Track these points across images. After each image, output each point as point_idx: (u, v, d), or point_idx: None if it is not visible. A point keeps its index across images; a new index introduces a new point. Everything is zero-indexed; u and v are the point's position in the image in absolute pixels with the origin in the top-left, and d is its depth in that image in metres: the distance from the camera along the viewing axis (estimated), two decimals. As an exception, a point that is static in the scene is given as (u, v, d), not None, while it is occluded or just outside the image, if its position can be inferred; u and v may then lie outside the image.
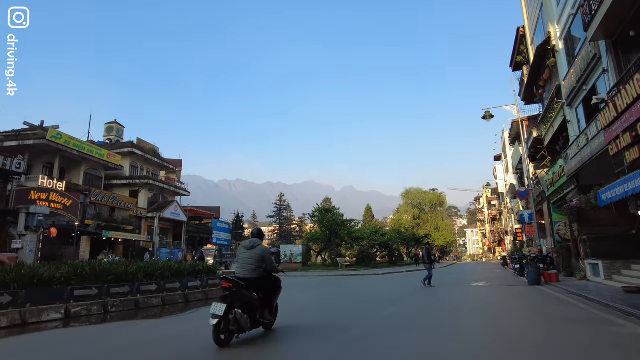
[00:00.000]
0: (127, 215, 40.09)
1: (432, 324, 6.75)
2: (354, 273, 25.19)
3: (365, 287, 15.86)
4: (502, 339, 5.42)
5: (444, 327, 6.44)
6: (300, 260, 29.80)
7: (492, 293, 12.07)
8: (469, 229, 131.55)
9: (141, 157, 47.09)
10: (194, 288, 12.06)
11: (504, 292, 12.38)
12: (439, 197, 72.09)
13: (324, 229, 30.29)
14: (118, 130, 51.22)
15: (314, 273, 25.42)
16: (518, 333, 5.87)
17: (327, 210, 30.61)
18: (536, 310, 8.27)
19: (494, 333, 5.88)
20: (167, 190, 50.28)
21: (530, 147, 24.57)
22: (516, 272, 19.90)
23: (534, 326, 6.40)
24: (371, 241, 35.86)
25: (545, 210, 21.97)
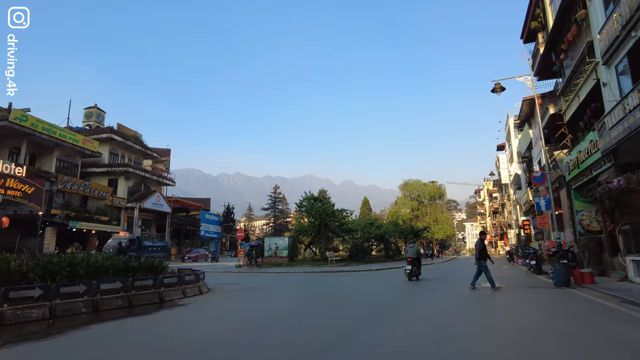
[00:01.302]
0: (102, 205, 37.05)
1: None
2: (343, 269, 22.30)
3: (350, 287, 12.96)
4: None
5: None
6: (287, 254, 26.84)
7: (518, 301, 9.14)
8: (468, 223, 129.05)
9: (122, 144, 43.95)
10: (142, 288, 9.08)
11: (532, 299, 9.45)
12: (438, 189, 69.14)
13: (313, 219, 27.34)
14: (98, 115, 47.93)
15: (298, 269, 22.53)
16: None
17: (316, 199, 27.64)
18: (604, 338, 5.29)
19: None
20: (149, 180, 47.20)
21: (545, 126, 21.56)
22: (530, 270, 17.00)
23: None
24: (365, 234, 32.95)
25: (563, 197, 19.02)
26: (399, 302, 8.85)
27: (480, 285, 11.78)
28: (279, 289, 12.89)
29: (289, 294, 11.30)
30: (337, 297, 10.62)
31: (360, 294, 10.95)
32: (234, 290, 12.12)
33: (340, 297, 10.49)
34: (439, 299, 9.68)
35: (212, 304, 9.27)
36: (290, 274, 20.03)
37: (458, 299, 9.43)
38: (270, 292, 11.85)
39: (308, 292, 11.80)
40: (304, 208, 27.23)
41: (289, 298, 10.22)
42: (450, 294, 10.72)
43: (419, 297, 10.09)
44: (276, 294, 11.40)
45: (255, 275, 19.78)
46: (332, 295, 11.21)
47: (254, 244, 24.41)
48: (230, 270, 22.21)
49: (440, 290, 11.69)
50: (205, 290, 11.41)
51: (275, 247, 27.55)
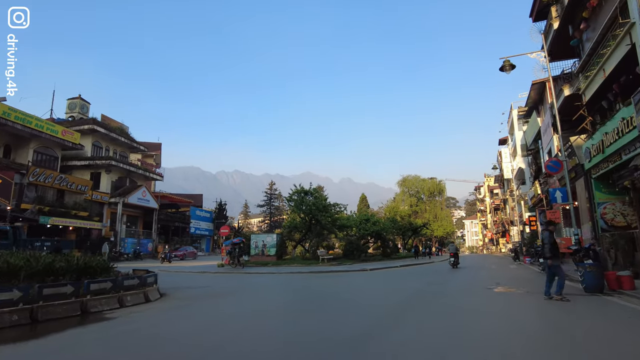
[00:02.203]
0: (81, 200, 34.84)
1: None
2: (335, 269, 20.18)
3: (337, 292, 10.82)
4: None
5: None
6: (274, 252, 24.69)
7: (550, 318, 6.93)
8: (468, 220, 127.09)
9: (106, 136, 41.67)
10: (56, 297, 6.96)
11: (568, 315, 7.26)
12: (437, 185, 67.06)
13: (303, 215, 25.18)
14: (82, 106, 45.53)
15: (284, 269, 20.42)
16: None
17: (306, 193, 25.44)
18: None
19: None
20: (135, 174, 44.97)
21: (558, 110, 19.39)
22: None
23: None
24: (361, 230, 30.80)
25: (580, 189, 16.90)
26: (410, 305, 6.75)
27: (496, 287, 9.69)
28: (252, 294, 10.76)
29: (258, 303, 9.14)
30: (335, 299, 8.51)
31: (362, 296, 8.81)
32: (193, 297, 9.97)
33: (339, 299, 8.40)
34: (452, 314, 7.55)
35: (149, 318, 7.12)
36: (274, 274, 17.90)
37: (478, 315, 7.29)
38: (236, 299, 9.69)
39: (301, 294, 9.68)
40: (293, 202, 25.04)
41: (254, 311, 8.05)
42: (464, 305, 8.57)
43: (428, 308, 7.95)
44: (243, 302, 9.25)
45: (235, 276, 17.64)
46: (330, 296, 9.10)
47: (236, 241, 22.27)
48: (208, 271, 20.08)
49: (452, 297, 9.55)
50: (154, 297, 9.27)
51: (263, 244, 25.40)
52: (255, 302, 9.09)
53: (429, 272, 18.90)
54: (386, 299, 9.07)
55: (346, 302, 8.66)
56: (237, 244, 21.87)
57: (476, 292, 9.81)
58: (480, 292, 9.98)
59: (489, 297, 8.91)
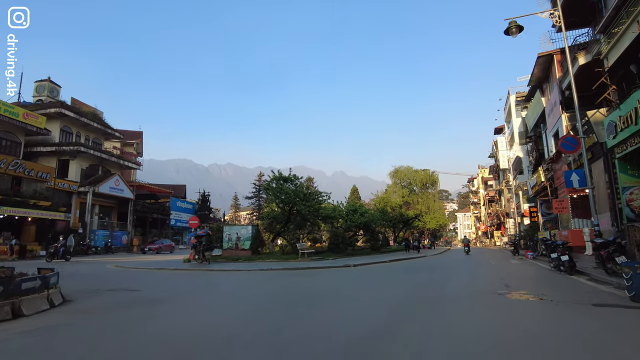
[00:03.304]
0: (43, 189, 31.84)
1: None
2: (314, 265, 17.64)
3: (301, 299, 8.20)
4: None
5: None
6: (249, 246, 22.06)
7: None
8: (460, 213, 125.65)
9: (76, 121, 38.45)
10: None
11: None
12: (430, 176, 64.70)
13: (282, 204, 22.52)
14: (52, 90, 42.13)
15: (255, 265, 17.83)
16: None
17: (285, 180, 22.72)
18: None
19: None
20: (108, 162, 41.89)
21: (569, 85, 16.87)
22: (561, 268, 12.40)
23: None
24: (348, 222, 28.29)
25: (598, 172, 14.45)
26: (396, 326, 4.25)
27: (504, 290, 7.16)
28: (187, 302, 8.11)
29: (183, 318, 6.49)
30: (297, 310, 5.93)
31: (334, 306, 6.24)
32: (103, 307, 7.30)
33: (301, 311, 5.82)
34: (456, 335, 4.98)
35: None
36: (240, 272, 15.29)
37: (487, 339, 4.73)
38: (163, 310, 7.03)
39: (219, 315, 7.00)
40: (271, 191, 22.35)
41: (159, 336, 5.44)
42: (479, 325, 6.03)
43: (426, 325, 5.39)
44: (167, 315, 6.60)
45: (192, 274, 14.99)
46: (287, 308, 6.51)
47: (200, 234, 19.60)
48: (167, 267, 17.39)
49: (457, 308, 7.01)
50: (42, 307, 6.64)
51: (237, 237, 22.72)
52: (182, 316, 6.45)
53: (421, 269, 16.44)
54: (363, 315, 6.48)
55: (319, 310, 6.08)
56: (201, 236, 19.20)
57: (485, 301, 7.29)
58: (490, 300, 7.46)
59: (506, 311, 6.35)
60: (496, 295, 7.95)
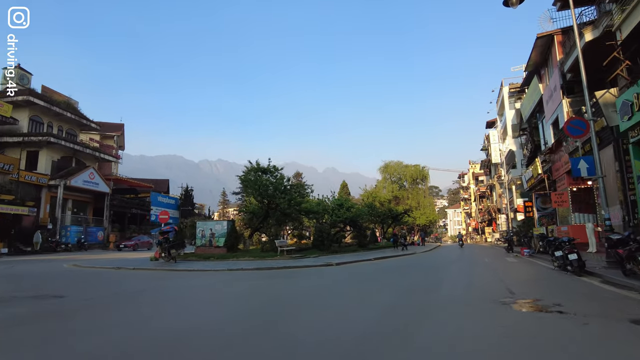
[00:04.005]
0: (6, 181, 29.61)
1: None
2: (292, 264, 15.94)
3: (253, 314, 6.45)
4: None
5: None
6: (224, 243, 20.27)
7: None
8: (451, 209, 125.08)
9: (47, 110, 36.06)
10: None
11: None
12: (421, 171, 63.33)
13: (260, 197, 20.72)
14: (22, 77, 39.47)
15: (226, 264, 16.07)
16: None
17: (264, 171, 20.89)
18: None
19: None
20: (82, 154, 39.61)
21: (572, 66, 15.38)
22: (568, 268, 10.87)
23: None
24: (333, 217, 26.62)
25: (607, 160, 12.94)
26: None
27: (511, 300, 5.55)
28: (99, 317, 6.32)
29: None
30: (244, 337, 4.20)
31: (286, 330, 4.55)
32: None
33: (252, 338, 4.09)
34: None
35: None
36: (207, 272, 13.52)
37: None
38: (50, 328, 5.25)
39: (149, 331, 5.23)
40: (248, 183, 20.50)
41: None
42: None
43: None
44: (47, 342, 4.82)
45: (150, 274, 13.18)
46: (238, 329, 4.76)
47: (165, 230, 17.76)
48: (126, 267, 15.53)
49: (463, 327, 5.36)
50: None
51: (211, 233, 20.91)
52: (89, 334, 4.67)
53: (409, 269, 14.84)
54: (331, 339, 4.77)
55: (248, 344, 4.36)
56: (166, 232, 17.37)
57: (488, 316, 5.64)
58: (494, 313, 5.81)
59: (520, 334, 4.69)
60: (500, 305, 6.31)
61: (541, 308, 5.93)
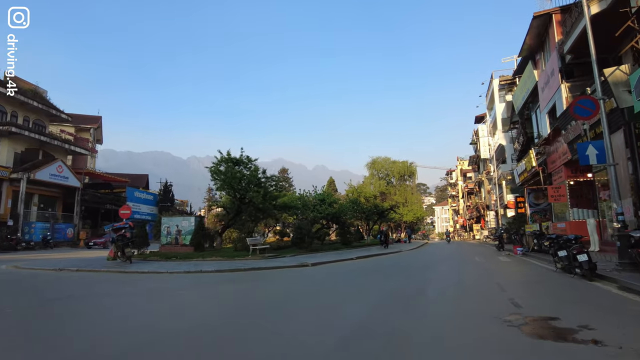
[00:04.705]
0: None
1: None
2: (261, 266, 14.13)
3: (173, 339, 4.62)
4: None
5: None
6: (190, 241, 18.36)
7: None
8: (438, 207, 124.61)
9: (11, 98, 33.48)
10: None
11: None
12: (408, 167, 61.93)
13: (232, 192, 18.83)
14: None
15: (184, 266, 14.19)
16: None
17: (236, 162, 18.96)
18: None
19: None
20: (51, 146, 37.04)
21: (574, 45, 13.86)
22: (575, 270, 9.31)
23: None
24: (313, 213, 24.88)
25: (617, 146, 11.39)
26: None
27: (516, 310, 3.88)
28: None
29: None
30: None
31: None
32: None
33: None
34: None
35: None
36: (161, 275, 11.67)
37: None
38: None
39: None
40: (217, 175, 18.57)
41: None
42: None
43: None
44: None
45: (92, 278, 11.24)
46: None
47: (118, 226, 15.76)
48: (68, 268, 13.52)
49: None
50: None
51: (177, 230, 18.98)
52: None
53: (392, 269, 13.19)
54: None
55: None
56: (120, 229, 15.39)
57: (491, 347, 3.95)
58: (502, 342, 4.11)
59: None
60: (505, 327, 4.62)
61: (565, 334, 4.24)
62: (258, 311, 6.24)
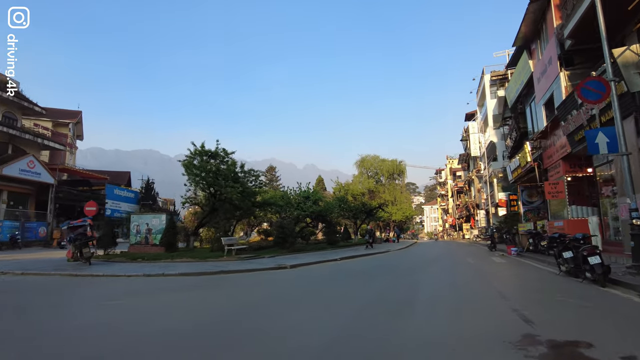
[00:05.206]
0: None
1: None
2: (234, 268, 12.74)
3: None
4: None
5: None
6: (160, 240, 16.86)
7: None
8: (427, 206, 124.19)
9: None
10: None
11: None
12: (398, 165, 60.84)
13: (206, 187, 17.37)
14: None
15: (148, 268, 12.74)
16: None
17: (212, 155, 17.48)
18: None
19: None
20: (23, 141, 34.99)
21: (573, 31, 12.76)
22: (585, 274, 8.15)
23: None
24: (296, 211, 23.54)
25: (629, 134, 10.27)
26: None
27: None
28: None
29: None
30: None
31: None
32: None
33: None
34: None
35: None
36: (118, 278, 10.22)
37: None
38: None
39: None
40: (190, 169, 17.08)
41: None
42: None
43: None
44: None
45: (33, 281, 9.74)
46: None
47: (74, 224, 14.23)
48: (11, 272, 11.96)
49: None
50: None
51: (147, 229, 17.47)
52: None
53: (378, 271, 11.92)
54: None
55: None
56: (77, 227, 13.88)
57: None
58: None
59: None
60: (520, 357, 3.36)
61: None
62: (200, 331, 4.89)
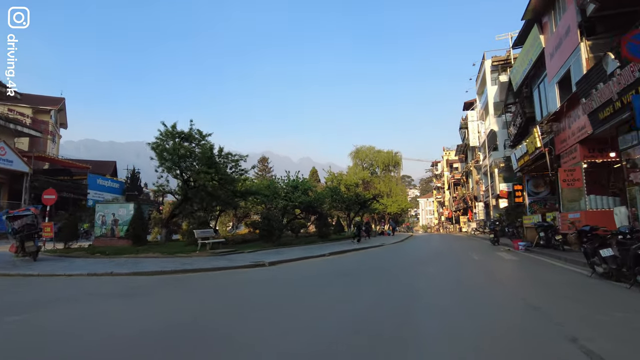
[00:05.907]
0: None
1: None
2: (202, 266, 10.90)
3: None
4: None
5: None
6: (125, 232, 14.92)
7: None
8: (423, 199, 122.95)
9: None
10: None
11: None
12: (393, 157, 59.02)
13: (178, 172, 15.42)
14: None
15: (101, 266, 10.85)
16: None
17: (185, 137, 15.42)
18: None
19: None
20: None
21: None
22: (622, 276, 6.38)
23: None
24: (286, 201, 21.71)
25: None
26: None
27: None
28: None
29: None
30: None
31: None
32: None
33: None
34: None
35: None
36: (54, 278, 8.38)
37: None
38: None
39: None
40: (162, 152, 15.11)
41: None
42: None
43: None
44: None
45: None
46: None
47: (14, 213, 12.28)
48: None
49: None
50: None
51: (113, 220, 15.55)
52: None
53: (369, 271, 10.14)
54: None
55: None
56: (18, 217, 11.95)
57: None
58: None
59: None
60: None
61: None
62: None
